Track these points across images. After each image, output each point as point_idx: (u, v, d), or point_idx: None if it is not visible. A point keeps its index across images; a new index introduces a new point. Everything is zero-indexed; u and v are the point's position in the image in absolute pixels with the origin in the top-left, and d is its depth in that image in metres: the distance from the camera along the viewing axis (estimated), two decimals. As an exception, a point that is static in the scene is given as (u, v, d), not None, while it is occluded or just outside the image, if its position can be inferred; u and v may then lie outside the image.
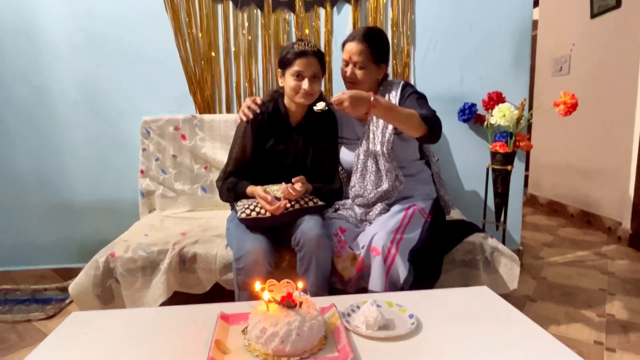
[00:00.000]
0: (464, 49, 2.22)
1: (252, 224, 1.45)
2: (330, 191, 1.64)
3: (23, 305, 2.01)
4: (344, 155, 1.68)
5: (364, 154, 1.59)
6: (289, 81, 1.49)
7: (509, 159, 2.06)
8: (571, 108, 1.90)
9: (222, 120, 2.12)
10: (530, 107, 2.34)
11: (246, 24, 2.19)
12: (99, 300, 1.56)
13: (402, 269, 1.35)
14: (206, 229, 1.78)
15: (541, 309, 1.90)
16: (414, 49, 2.23)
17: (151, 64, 2.19)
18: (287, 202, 1.45)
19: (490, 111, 2.09)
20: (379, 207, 1.57)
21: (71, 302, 2.03)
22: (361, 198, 1.61)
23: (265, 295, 0.96)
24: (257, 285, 0.97)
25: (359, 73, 1.54)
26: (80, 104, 2.21)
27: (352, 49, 1.54)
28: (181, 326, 1.05)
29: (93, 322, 1.10)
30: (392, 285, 1.36)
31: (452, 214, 1.89)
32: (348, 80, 1.57)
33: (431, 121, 1.41)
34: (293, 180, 1.47)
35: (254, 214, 1.44)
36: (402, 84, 1.61)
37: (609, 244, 2.80)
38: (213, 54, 2.20)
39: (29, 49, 2.15)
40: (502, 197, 2.12)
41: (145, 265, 1.57)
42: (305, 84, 1.46)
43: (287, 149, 1.59)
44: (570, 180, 3.46)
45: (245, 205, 1.47)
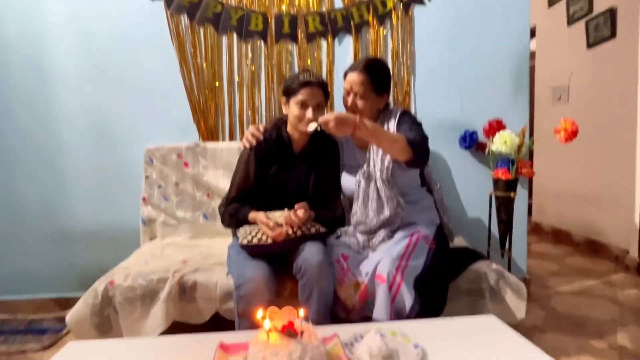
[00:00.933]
0: (463, 78, 2.26)
1: (253, 251, 1.44)
2: (332, 218, 1.63)
3: (19, 335, 1.96)
4: (345, 182, 1.68)
5: (365, 181, 1.59)
6: (293, 109, 1.52)
7: (511, 186, 2.06)
8: (572, 135, 1.92)
9: (224, 147, 2.14)
10: (531, 135, 2.35)
11: (250, 54, 2.24)
12: (96, 330, 1.52)
13: (407, 297, 1.33)
14: (207, 256, 1.76)
15: (551, 340, 1.85)
16: (414, 78, 2.27)
17: (156, 93, 2.24)
18: (289, 228, 1.44)
19: (491, 138, 2.11)
20: (382, 233, 1.56)
21: (68, 332, 1.99)
22: (363, 225, 1.60)
23: (266, 324, 0.93)
24: (259, 313, 0.95)
25: (359, 103, 1.57)
26: (86, 132, 2.24)
27: (353, 79, 1.57)
28: (180, 356, 1.02)
29: (90, 353, 1.07)
30: (397, 313, 1.33)
31: (456, 241, 1.87)
32: (349, 109, 1.60)
33: (416, 145, 1.44)
34: (296, 206, 1.47)
35: (256, 240, 1.43)
36: (400, 112, 1.63)
37: (617, 273, 2.74)
38: (217, 83, 2.25)
39: (37, 76, 2.20)
40: (506, 225, 2.10)
41: (145, 293, 1.54)
42: (309, 113, 1.49)
43: (290, 176, 1.59)
44: (574, 207, 3.43)
45: (247, 231, 1.46)
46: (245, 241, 1.43)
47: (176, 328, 1.55)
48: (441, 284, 1.51)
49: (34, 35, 2.18)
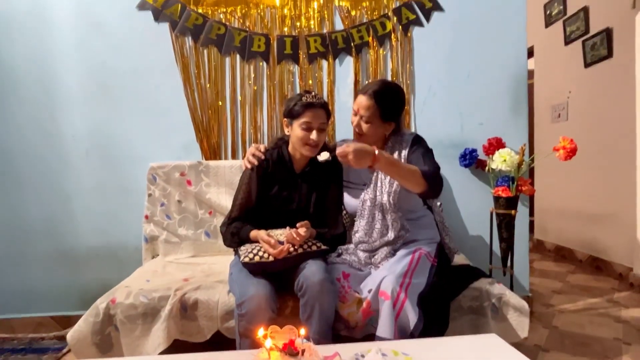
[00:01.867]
0: (462, 97, 2.29)
1: (255, 269, 1.44)
2: (333, 236, 1.64)
3: (19, 354, 1.95)
4: (349, 200, 1.69)
5: (371, 202, 1.60)
6: (296, 131, 1.54)
7: (512, 203, 2.06)
8: (571, 153, 1.93)
9: (227, 166, 2.16)
10: (531, 153, 2.37)
11: (252, 75, 2.29)
12: (97, 349, 1.52)
13: (411, 314, 1.33)
14: (209, 274, 1.77)
15: (554, 360, 1.83)
16: (413, 97, 2.31)
17: (160, 112, 2.28)
18: (291, 246, 1.45)
19: (491, 156, 2.13)
20: (384, 251, 1.56)
21: (69, 351, 1.98)
22: (365, 244, 1.60)
23: (267, 343, 0.94)
24: (260, 332, 0.96)
25: (364, 126, 1.58)
26: (90, 151, 2.27)
27: (361, 103, 1.58)
28: (180, 375, 1.02)
29: (90, 372, 1.07)
30: (401, 331, 1.32)
31: (457, 259, 1.86)
32: (356, 131, 1.62)
33: (432, 179, 1.44)
34: (297, 225, 1.48)
35: (257, 258, 1.44)
36: (413, 138, 1.62)
37: (620, 291, 2.72)
38: (220, 103, 2.29)
39: (43, 97, 2.24)
40: (507, 242, 2.10)
41: (146, 311, 1.54)
42: (314, 135, 1.51)
43: (292, 195, 1.61)
44: (576, 225, 3.43)
45: (248, 249, 1.47)
46: (246, 259, 1.44)
47: (177, 347, 1.54)
48: (443, 301, 1.51)
49: (41, 56, 2.23)
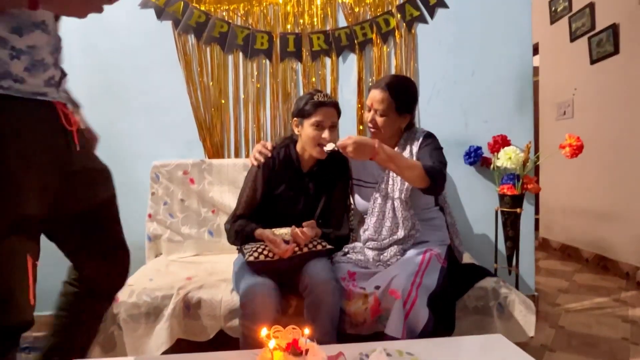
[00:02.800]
0: (467, 95, 2.28)
1: (259, 268, 1.44)
2: (338, 237, 1.63)
3: (23, 353, 1.95)
4: (360, 198, 1.69)
5: (382, 199, 1.60)
6: (307, 131, 1.53)
7: (517, 201, 2.05)
8: (577, 150, 1.92)
9: (230, 164, 2.16)
10: (537, 150, 2.36)
11: (255, 72, 2.28)
12: (100, 348, 1.52)
13: (422, 314, 1.32)
14: (212, 273, 1.76)
15: (561, 360, 1.82)
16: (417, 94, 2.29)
17: (163, 111, 2.27)
18: (296, 245, 1.44)
19: (496, 154, 2.11)
20: (393, 249, 1.56)
21: (72, 350, 1.98)
22: (374, 242, 1.60)
23: (271, 343, 0.93)
24: (264, 332, 0.95)
25: (379, 120, 1.57)
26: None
27: (374, 96, 1.57)
28: (184, 375, 1.02)
29: (93, 371, 1.07)
30: (410, 330, 1.32)
31: (463, 258, 1.85)
32: (370, 127, 1.61)
33: (434, 174, 1.44)
34: (303, 224, 1.47)
35: (262, 257, 1.43)
36: (425, 134, 1.62)
37: (627, 290, 2.70)
38: (223, 101, 2.28)
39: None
40: (513, 241, 2.09)
41: (149, 311, 1.54)
42: (326, 133, 1.51)
43: (298, 195, 1.60)
44: (582, 223, 3.40)
45: (253, 248, 1.46)
46: (251, 258, 1.43)
47: (180, 346, 1.54)
48: (449, 301, 1.50)
49: (44, 55, 2.23)
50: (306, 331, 0.96)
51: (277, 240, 1.43)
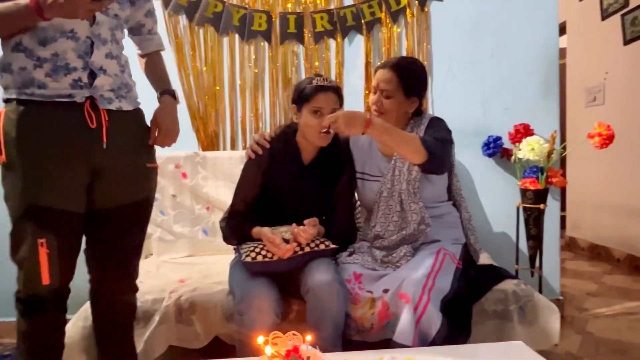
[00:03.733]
0: (486, 79, 2.27)
1: (257, 269, 1.44)
2: (343, 234, 1.64)
3: (4, 361, 1.99)
4: (365, 193, 1.68)
5: (387, 192, 1.59)
6: (306, 118, 1.53)
7: (541, 196, 2.05)
8: (607, 140, 1.90)
9: (226, 157, 2.16)
10: (563, 140, 2.34)
11: (253, 56, 2.28)
12: (86, 356, 1.53)
13: (435, 320, 1.32)
14: (206, 275, 1.77)
15: (588, 370, 1.81)
16: (431, 80, 2.28)
17: (152, 99, 2.26)
18: (297, 245, 1.45)
19: (517, 145, 2.11)
20: (403, 249, 1.55)
21: (56, 358, 2.00)
22: (382, 240, 1.60)
23: (268, 350, 0.93)
24: (260, 339, 0.95)
25: (385, 102, 1.57)
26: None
27: (381, 77, 1.58)
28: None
29: (78, 380, 1.08)
30: (421, 337, 1.32)
31: (481, 258, 1.84)
32: (374, 109, 1.60)
33: (431, 146, 1.43)
34: (305, 222, 1.47)
35: (260, 258, 1.43)
36: (431, 118, 1.63)
37: (663, 294, 2.69)
38: (218, 87, 2.28)
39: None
40: (536, 240, 2.09)
41: (138, 315, 1.54)
42: (326, 121, 1.50)
43: (298, 188, 1.60)
44: (613, 220, 3.38)
45: (250, 247, 1.47)
46: (248, 258, 1.44)
47: (173, 353, 1.56)
48: (465, 305, 1.50)
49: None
50: (308, 338, 0.96)
51: (276, 240, 1.43)
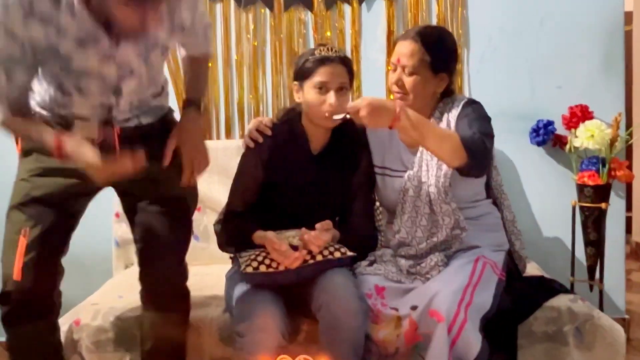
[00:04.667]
0: (534, 51, 2.26)
1: (260, 281, 1.45)
2: (362, 239, 1.64)
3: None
4: (386, 192, 1.68)
5: (414, 191, 1.59)
6: (309, 95, 1.53)
7: (602, 193, 2.04)
8: (684, 125, 1.88)
9: (220, 147, 2.18)
10: (629, 125, 2.32)
11: (251, 26, 2.29)
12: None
13: (473, 342, 1.32)
14: (200, 288, 1.78)
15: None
16: (467, 53, 2.28)
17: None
18: (307, 252, 1.45)
19: (573, 131, 2.10)
20: (434, 258, 1.55)
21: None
22: (408, 247, 1.60)
23: (276, 376, 0.95)
24: (266, 363, 0.97)
25: (408, 81, 1.55)
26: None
27: (402, 50, 1.56)
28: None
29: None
30: None
31: (528, 268, 1.85)
32: (395, 90, 1.59)
33: (473, 146, 1.41)
34: (316, 226, 1.48)
35: (263, 268, 1.44)
36: (464, 101, 1.61)
37: None
38: (210, 64, 2.29)
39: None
40: (595, 247, 2.09)
41: (119, 336, 1.58)
42: (332, 98, 1.50)
43: (306, 183, 1.61)
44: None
45: (251, 256, 1.47)
46: (249, 269, 1.44)
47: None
48: (509, 325, 1.51)
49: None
50: (322, 362, 0.97)
51: (283, 246, 1.44)
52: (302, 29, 2.30)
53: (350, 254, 1.51)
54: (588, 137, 2.00)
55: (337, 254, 1.49)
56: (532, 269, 1.89)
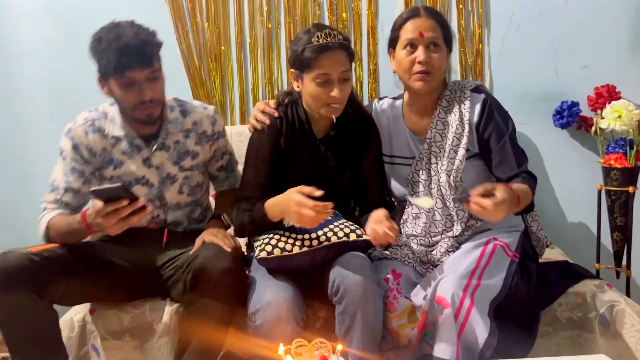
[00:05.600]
0: (558, 29, 2.23)
1: (274, 266, 1.46)
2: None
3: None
4: (396, 179, 1.69)
5: (424, 184, 1.59)
6: (309, 88, 1.50)
7: (629, 177, 2.03)
8: None
9: (234, 133, 2.18)
10: (658, 105, 2.28)
11: (265, 8, 2.28)
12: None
13: (480, 327, 1.31)
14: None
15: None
16: (488, 32, 2.26)
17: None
18: (330, 211, 1.38)
19: (599, 112, 2.08)
20: (445, 243, 1.56)
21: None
22: (420, 237, 1.61)
23: (289, 360, 0.95)
24: (280, 348, 0.97)
25: (434, 57, 1.52)
26: (55, 116, 2.29)
27: (422, 24, 1.53)
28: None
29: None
30: (466, 350, 1.32)
31: (552, 253, 1.85)
32: (418, 70, 1.53)
33: (534, 187, 1.49)
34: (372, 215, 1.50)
35: (277, 251, 1.44)
36: (482, 97, 1.58)
37: None
38: (223, 48, 2.29)
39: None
40: (623, 232, 2.08)
41: (136, 325, 1.59)
42: (335, 91, 1.47)
43: (314, 169, 1.60)
44: None
45: (265, 240, 1.48)
46: (263, 253, 1.44)
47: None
48: (529, 311, 1.50)
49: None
50: (339, 347, 0.97)
51: (310, 203, 1.35)
52: (317, 11, 2.29)
53: (366, 237, 1.50)
54: (615, 118, 1.98)
55: (353, 236, 1.48)
56: (556, 254, 1.88)
